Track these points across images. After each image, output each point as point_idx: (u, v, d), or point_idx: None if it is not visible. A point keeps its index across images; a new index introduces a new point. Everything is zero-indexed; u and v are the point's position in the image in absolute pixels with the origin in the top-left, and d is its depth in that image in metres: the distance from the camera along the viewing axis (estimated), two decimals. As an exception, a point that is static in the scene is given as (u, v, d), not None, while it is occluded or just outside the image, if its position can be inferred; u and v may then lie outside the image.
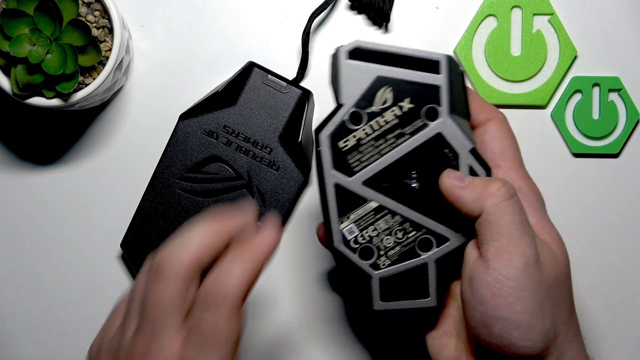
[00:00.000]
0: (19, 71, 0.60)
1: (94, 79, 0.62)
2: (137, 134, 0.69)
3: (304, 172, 0.65)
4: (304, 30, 0.66)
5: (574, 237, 0.69)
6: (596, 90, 0.68)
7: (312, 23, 0.67)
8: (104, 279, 0.69)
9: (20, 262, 0.69)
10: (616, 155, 0.69)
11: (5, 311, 0.69)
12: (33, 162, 0.69)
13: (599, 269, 0.69)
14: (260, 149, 0.64)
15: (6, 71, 0.62)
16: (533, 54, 0.68)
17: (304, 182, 0.66)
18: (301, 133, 0.65)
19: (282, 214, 0.65)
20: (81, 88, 0.62)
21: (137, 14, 0.68)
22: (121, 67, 0.64)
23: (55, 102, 0.62)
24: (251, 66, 0.65)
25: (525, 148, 0.68)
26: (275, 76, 0.65)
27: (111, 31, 0.62)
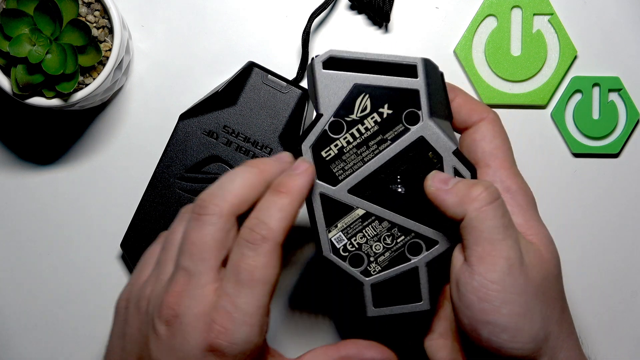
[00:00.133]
0: (19, 71, 0.60)
1: (94, 79, 0.62)
2: (137, 134, 0.68)
3: (304, 172, 0.65)
4: (304, 30, 0.66)
5: (574, 237, 0.69)
6: (596, 90, 0.68)
7: (312, 23, 0.67)
8: (104, 279, 0.69)
9: (20, 262, 0.69)
10: (616, 155, 0.69)
11: (5, 311, 0.69)
12: (33, 162, 0.69)
13: (599, 269, 0.69)
14: (260, 149, 0.64)
15: (6, 71, 0.62)
16: (533, 54, 0.68)
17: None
18: (301, 133, 0.65)
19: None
20: (81, 88, 0.62)
21: (137, 14, 0.68)
22: (121, 67, 0.64)
23: (55, 102, 0.62)
24: (251, 66, 0.65)
25: (525, 148, 0.68)
26: (275, 76, 0.65)
27: (111, 31, 0.62)
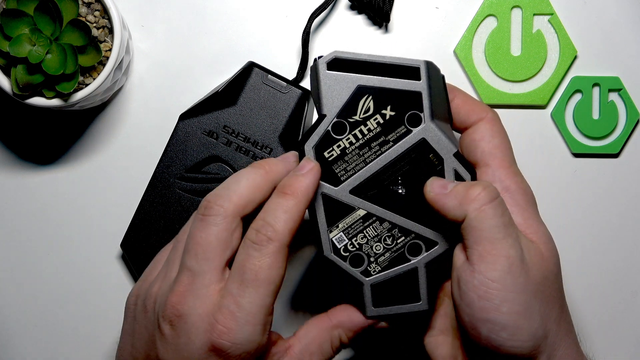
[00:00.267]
0: (19, 71, 0.60)
1: (94, 79, 0.62)
2: (137, 134, 0.69)
3: (304, 172, 0.65)
4: (304, 30, 0.66)
5: (574, 237, 0.69)
6: (596, 90, 0.68)
7: (312, 23, 0.67)
8: (104, 279, 0.69)
9: (20, 262, 0.69)
10: (616, 155, 0.69)
11: (5, 311, 0.69)
12: (33, 162, 0.69)
13: (599, 269, 0.69)
14: (260, 149, 0.64)
15: (6, 71, 0.62)
16: (533, 54, 0.68)
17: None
18: (301, 133, 0.65)
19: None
20: (81, 88, 0.62)
21: (137, 14, 0.68)
22: (121, 67, 0.64)
23: (55, 102, 0.62)
24: (251, 66, 0.65)
25: (525, 148, 0.68)
26: (275, 76, 0.65)
27: (111, 31, 0.62)
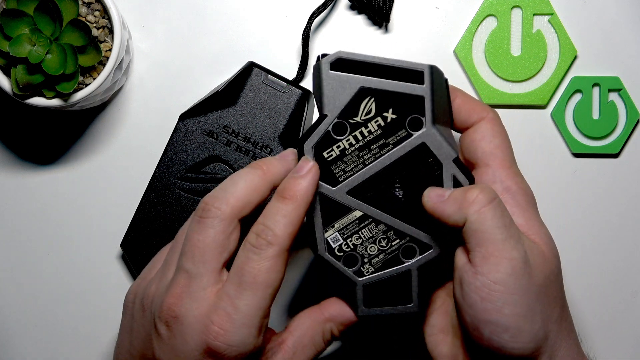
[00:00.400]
0: (19, 71, 0.60)
1: (94, 79, 0.62)
2: (137, 134, 0.69)
3: (304, 172, 0.65)
4: (304, 30, 0.66)
5: (574, 237, 0.69)
6: (596, 90, 0.68)
7: (312, 23, 0.67)
8: (104, 279, 0.69)
9: (20, 262, 0.69)
10: (616, 155, 0.69)
11: (5, 311, 0.69)
12: (33, 162, 0.69)
13: (599, 269, 0.69)
14: (260, 149, 0.64)
15: (6, 71, 0.62)
16: (533, 54, 0.68)
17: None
18: (301, 133, 0.65)
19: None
20: (81, 88, 0.62)
21: (137, 14, 0.68)
22: (121, 67, 0.64)
23: (55, 102, 0.62)
24: (251, 66, 0.65)
25: (525, 148, 0.68)
26: (275, 76, 0.65)
27: (111, 31, 0.62)
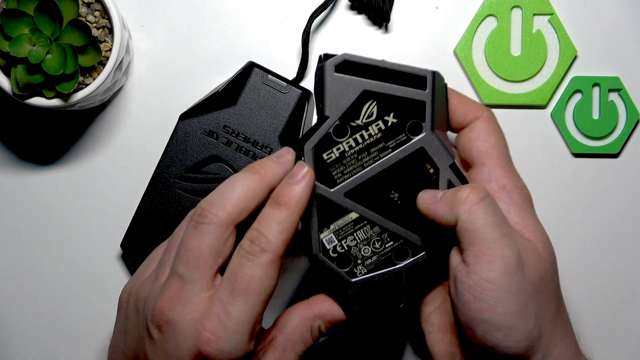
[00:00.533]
0: (19, 71, 0.60)
1: (94, 79, 0.62)
2: (137, 134, 0.69)
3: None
4: (304, 30, 0.66)
5: (574, 237, 0.69)
6: (596, 90, 0.68)
7: (312, 23, 0.67)
8: (104, 279, 0.69)
9: (20, 262, 0.69)
10: (616, 155, 0.69)
11: (5, 311, 0.69)
12: (33, 162, 0.69)
13: (599, 269, 0.69)
14: (260, 149, 0.64)
15: (6, 71, 0.62)
16: (533, 54, 0.68)
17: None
18: (301, 133, 0.65)
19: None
20: (81, 88, 0.62)
21: (137, 14, 0.68)
22: (121, 67, 0.64)
23: (55, 102, 0.62)
24: (251, 66, 0.65)
25: (525, 148, 0.68)
26: (275, 76, 0.65)
27: (111, 31, 0.62)
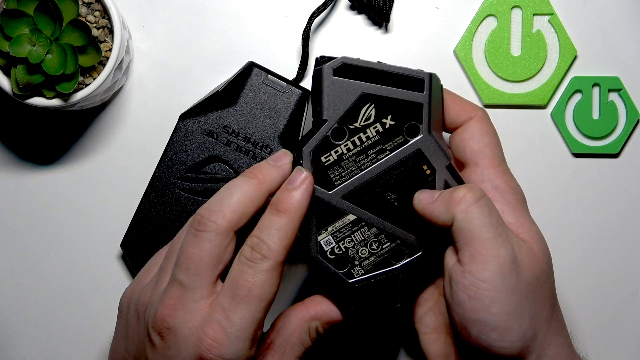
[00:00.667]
0: (19, 71, 0.60)
1: (94, 79, 0.62)
2: (137, 134, 0.69)
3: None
4: (304, 30, 0.66)
5: (574, 237, 0.69)
6: (596, 90, 0.68)
7: (312, 23, 0.67)
8: (104, 279, 0.69)
9: (20, 262, 0.69)
10: (616, 155, 0.69)
11: (5, 311, 0.69)
12: (33, 162, 0.69)
13: (599, 269, 0.69)
14: (260, 149, 0.64)
15: (6, 71, 0.62)
16: (533, 54, 0.68)
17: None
18: (301, 133, 0.65)
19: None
20: (81, 88, 0.62)
21: (137, 14, 0.68)
22: (121, 67, 0.64)
23: (55, 102, 0.62)
24: (251, 66, 0.65)
25: (525, 148, 0.68)
26: (275, 76, 0.65)
27: (111, 31, 0.62)
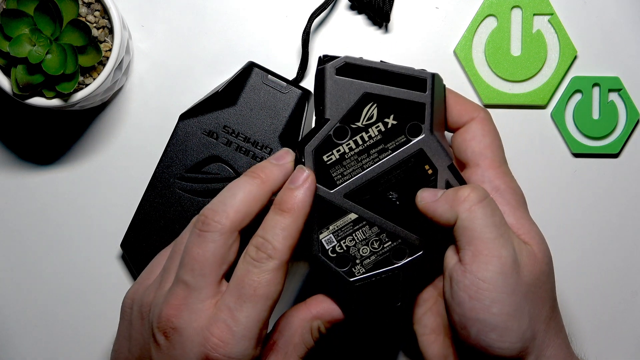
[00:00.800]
0: (19, 71, 0.60)
1: (94, 79, 0.62)
2: (137, 134, 0.69)
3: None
4: (304, 30, 0.66)
5: (574, 237, 0.69)
6: (596, 90, 0.68)
7: (312, 23, 0.67)
8: (104, 279, 0.69)
9: (20, 262, 0.69)
10: (616, 155, 0.69)
11: (5, 311, 0.69)
12: (33, 162, 0.69)
13: (599, 269, 0.69)
14: (260, 149, 0.64)
15: (6, 71, 0.62)
16: (533, 54, 0.68)
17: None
18: (301, 133, 0.65)
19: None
20: (81, 88, 0.62)
21: (137, 14, 0.68)
22: (121, 67, 0.64)
23: (55, 102, 0.62)
24: (251, 66, 0.65)
25: (525, 148, 0.68)
26: (275, 76, 0.65)
27: (111, 31, 0.62)
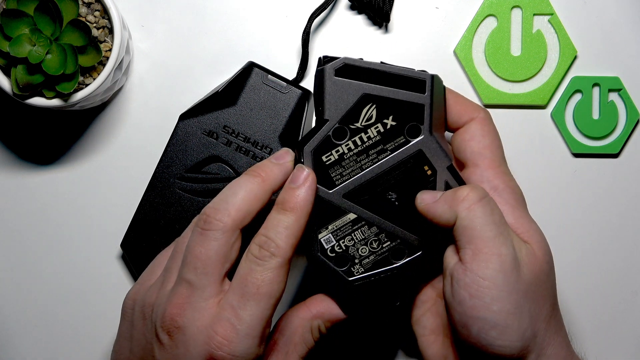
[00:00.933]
0: (19, 71, 0.60)
1: (94, 79, 0.62)
2: (137, 134, 0.69)
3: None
4: (304, 30, 0.66)
5: (574, 237, 0.69)
6: (596, 90, 0.68)
7: (312, 23, 0.67)
8: (104, 279, 0.69)
9: (20, 262, 0.69)
10: (616, 155, 0.69)
11: (5, 311, 0.69)
12: (33, 162, 0.69)
13: (599, 269, 0.69)
14: (260, 149, 0.64)
15: (6, 71, 0.62)
16: (533, 54, 0.68)
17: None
18: (301, 133, 0.65)
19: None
20: (81, 88, 0.62)
21: (137, 14, 0.68)
22: (121, 67, 0.64)
23: (55, 102, 0.62)
24: (251, 66, 0.65)
25: (525, 148, 0.68)
26: (275, 76, 0.65)
27: (111, 31, 0.62)
